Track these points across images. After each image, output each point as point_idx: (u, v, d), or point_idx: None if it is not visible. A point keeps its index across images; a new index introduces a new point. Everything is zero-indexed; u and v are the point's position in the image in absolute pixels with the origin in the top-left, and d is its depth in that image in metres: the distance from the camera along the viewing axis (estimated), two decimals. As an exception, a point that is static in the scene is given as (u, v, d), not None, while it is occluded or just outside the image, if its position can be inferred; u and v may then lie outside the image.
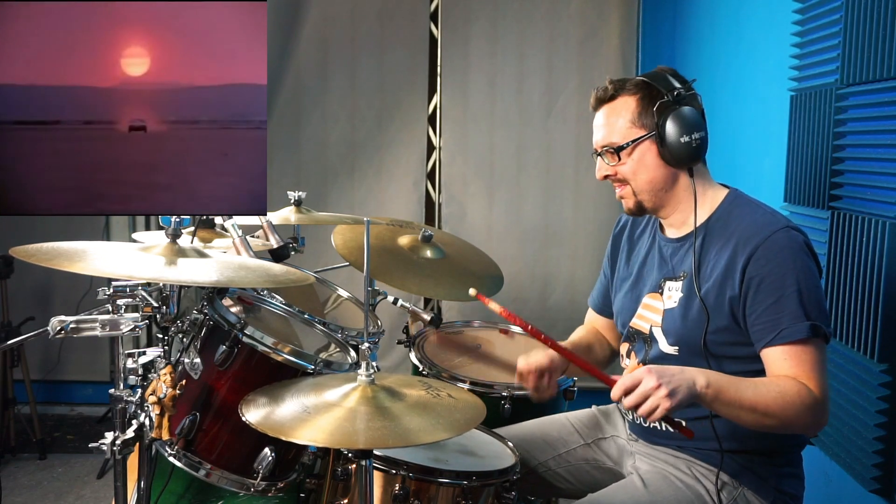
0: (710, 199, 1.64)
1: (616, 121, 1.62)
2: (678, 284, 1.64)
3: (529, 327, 1.55)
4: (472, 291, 1.58)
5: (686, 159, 1.59)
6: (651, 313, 1.68)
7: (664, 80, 1.61)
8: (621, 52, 3.67)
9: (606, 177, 1.67)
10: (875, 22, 1.80)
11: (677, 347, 1.61)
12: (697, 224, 1.62)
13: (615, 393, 1.43)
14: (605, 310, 1.92)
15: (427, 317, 2.30)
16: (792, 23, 2.26)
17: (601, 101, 1.66)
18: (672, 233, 1.71)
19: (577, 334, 1.95)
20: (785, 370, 1.48)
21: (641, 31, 3.69)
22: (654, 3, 3.68)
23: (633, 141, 1.60)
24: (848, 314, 1.89)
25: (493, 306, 1.54)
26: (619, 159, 1.63)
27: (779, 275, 1.49)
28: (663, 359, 1.63)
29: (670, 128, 1.57)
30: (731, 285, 1.53)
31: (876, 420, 1.80)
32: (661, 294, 1.67)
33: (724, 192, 1.66)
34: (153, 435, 1.50)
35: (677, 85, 1.60)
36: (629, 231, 1.86)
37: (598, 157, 1.68)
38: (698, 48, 3.32)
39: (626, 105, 1.62)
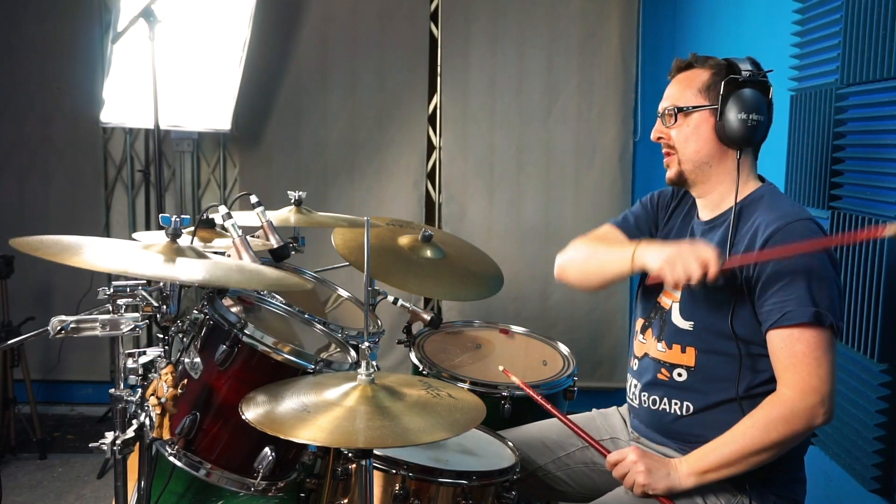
0: (748, 186, 1.66)
1: (685, 88, 1.68)
2: None
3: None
4: None
5: (738, 138, 1.61)
6: (675, 290, 1.69)
7: (742, 62, 1.65)
8: (621, 52, 3.66)
9: (659, 139, 1.72)
10: (875, 22, 1.80)
11: (692, 323, 1.63)
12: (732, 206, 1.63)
13: (609, 464, 1.62)
14: (634, 234, 1.84)
15: (427, 317, 2.30)
16: (792, 23, 2.26)
17: (678, 69, 1.72)
18: (705, 214, 1.72)
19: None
20: (779, 356, 1.50)
21: (641, 31, 3.68)
22: (654, 3, 3.68)
23: (694, 107, 1.65)
24: (848, 314, 1.89)
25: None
26: (676, 121, 1.67)
27: (792, 259, 1.50)
28: (678, 333, 1.65)
29: (731, 104, 1.61)
30: (748, 265, 1.54)
31: (876, 420, 1.80)
32: None
33: (761, 183, 1.69)
34: (153, 435, 1.50)
35: (751, 68, 1.63)
36: (663, 202, 1.85)
37: (659, 119, 1.72)
38: (698, 48, 3.29)
39: (699, 75, 1.67)
